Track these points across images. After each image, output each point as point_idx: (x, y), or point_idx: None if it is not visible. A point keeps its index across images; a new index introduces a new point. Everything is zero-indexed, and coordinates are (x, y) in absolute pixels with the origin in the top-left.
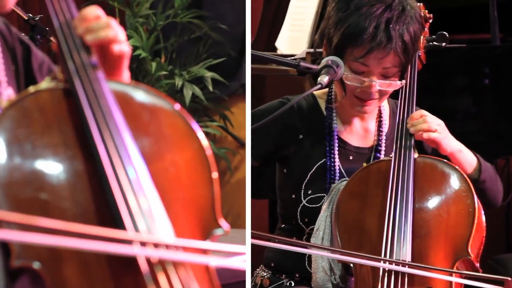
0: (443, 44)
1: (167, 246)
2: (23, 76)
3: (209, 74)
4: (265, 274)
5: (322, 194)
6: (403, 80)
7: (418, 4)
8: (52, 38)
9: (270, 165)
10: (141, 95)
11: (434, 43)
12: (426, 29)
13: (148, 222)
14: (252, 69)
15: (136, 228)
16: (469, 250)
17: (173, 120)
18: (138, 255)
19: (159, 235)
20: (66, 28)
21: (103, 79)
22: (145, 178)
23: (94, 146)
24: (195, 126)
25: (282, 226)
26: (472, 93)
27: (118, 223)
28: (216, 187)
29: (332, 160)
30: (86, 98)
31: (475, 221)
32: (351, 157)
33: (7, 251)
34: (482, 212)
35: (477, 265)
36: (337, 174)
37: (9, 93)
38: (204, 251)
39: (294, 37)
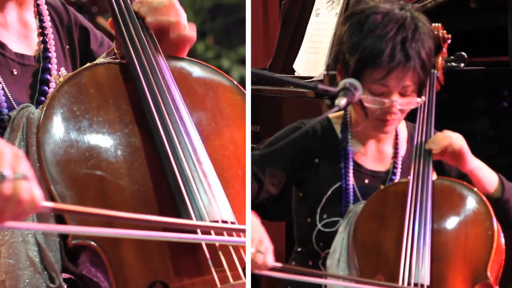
0: (462, 64)
1: (227, 228)
2: (79, 56)
3: None
4: None
5: (338, 218)
6: (422, 97)
7: (437, 24)
8: (99, 19)
9: (286, 189)
10: (198, 70)
11: (453, 63)
12: (445, 50)
13: (208, 198)
14: (270, 91)
15: (197, 206)
16: (488, 273)
17: (231, 96)
18: (200, 240)
19: (218, 211)
20: (126, 5)
21: (160, 54)
22: (203, 154)
23: (152, 121)
24: None
25: (299, 249)
26: (490, 116)
27: (177, 201)
28: None
29: (348, 183)
30: (143, 73)
31: (494, 244)
32: (366, 181)
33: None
34: (502, 235)
35: None
36: (352, 198)
37: (62, 73)
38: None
39: (311, 60)
